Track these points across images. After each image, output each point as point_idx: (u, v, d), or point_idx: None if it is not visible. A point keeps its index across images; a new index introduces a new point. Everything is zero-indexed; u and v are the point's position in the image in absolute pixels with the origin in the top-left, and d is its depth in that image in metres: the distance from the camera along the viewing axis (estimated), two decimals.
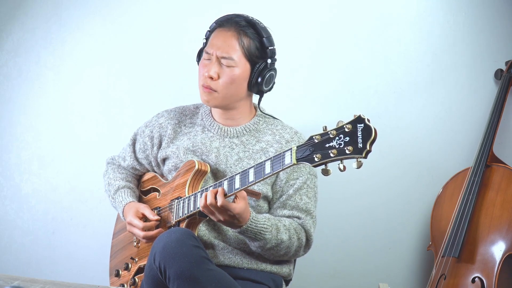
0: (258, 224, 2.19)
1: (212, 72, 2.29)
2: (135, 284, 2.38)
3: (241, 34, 2.29)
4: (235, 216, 2.12)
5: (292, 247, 2.28)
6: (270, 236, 2.21)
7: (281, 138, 2.37)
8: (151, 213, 2.35)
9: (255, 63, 2.31)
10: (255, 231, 2.19)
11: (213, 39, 2.32)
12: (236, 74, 2.30)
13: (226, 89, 2.30)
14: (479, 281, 2.65)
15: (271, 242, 2.23)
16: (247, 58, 2.30)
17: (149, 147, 2.49)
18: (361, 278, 3.05)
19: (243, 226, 2.17)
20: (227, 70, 2.29)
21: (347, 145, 1.82)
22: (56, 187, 3.11)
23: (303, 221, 2.32)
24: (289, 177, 2.33)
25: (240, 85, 2.32)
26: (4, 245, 3.13)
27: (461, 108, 3.03)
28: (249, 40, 2.30)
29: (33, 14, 3.09)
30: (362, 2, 3.04)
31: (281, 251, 2.27)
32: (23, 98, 3.12)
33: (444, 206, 2.87)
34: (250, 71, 2.31)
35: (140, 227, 2.33)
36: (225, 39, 2.29)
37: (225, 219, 2.13)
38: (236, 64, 2.29)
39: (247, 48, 2.29)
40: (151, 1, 3.08)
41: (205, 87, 2.31)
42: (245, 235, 2.21)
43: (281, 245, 2.25)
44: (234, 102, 2.35)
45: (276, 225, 2.24)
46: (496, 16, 3.01)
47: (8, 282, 2.04)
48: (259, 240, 2.21)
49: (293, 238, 2.27)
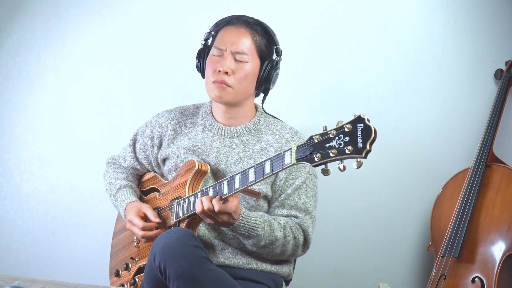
0: (249, 219, 2.19)
1: (227, 67, 2.29)
2: (135, 284, 2.37)
3: (252, 31, 2.32)
4: (231, 215, 2.13)
5: (288, 245, 2.27)
6: (263, 232, 2.21)
7: (281, 137, 2.37)
8: (153, 214, 2.35)
9: (264, 60, 2.34)
10: (247, 227, 2.19)
11: (224, 35, 2.33)
12: (249, 70, 2.31)
13: (239, 84, 2.31)
14: (479, 281, 2.65)
15: (265, 239, 2.22)
16: (258, 55, 2.33)
17: (149, 147, 2.49)
18: (361, 278, 3.04)
19: (235, 223, 2.17)
20: (242, 65, 2.30)
21: (347, 145, 1.81)
22: (56, 187, 3.11)
23: (301, 220, 2.31)
24: (288, 177, 2.33)
25: (251, 82, 2.34)
26: (4, 245, 3.12)
27: (461, 108, 3.03)
28: (260, 37, 2.33)
29: (33, 14, 3.09)
30: (363, 2, 3.04)
31: (277, 250, 2.27)
32: (23, 98, 3.11)
33: (444, 206, 2.87)
34: (259, 68, 2.33)
35: (140, 226, 2.32)
36: (239, 35, 2.31)
37: (223, 219, 2.13)
38: (249, 60, 2.31)
39: (259, 44, 2.32)
40: (151, 1, 3.08)
41: (218, 83, 2.30)
42: (237, 232, 2.20)
43: (276, 243, 2.24)
44: (243, 99, 2.36)
45: (270, 222, 2.24)
46: (496, 16, 3.01)
47: (8, 282, 2.03)
48: (252, 237, 2.21)
49: (289, 236, 2.27)
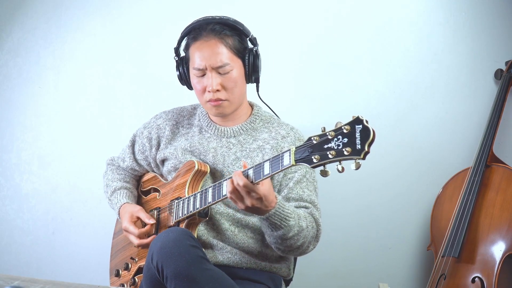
0: (285, 209, 2.12)
1: (215, 85, 2.28)
2: (135, 284, 2.38)
3: (223, 37, 2.29)
4: (262, 199, 2.05)
5: (308, 236, 2.21)
6: (294, 222, 2.14)
7: (277, 134, 2.37)
8: (146, 217, 2.35)
9: (244, 56, 2.33)
10: (282, 216, 2.11)
11: (198, 54, 2.30)
12: (236, 76, 2.31)
13: (233, 94, 2.31)
14: (479, 281, 2.65)
15: (294, 230, 2.15)
16: (237, 56, 2.31)
17: (147, 149, 2.50)
18: (361, 278, 3.04)
19: (271, 210, 2.09)
20: (227, 76, 2.29)
21: (345, 147, 1.80)
22: (56, 187, 3.12)
23: (312, 210, 2.28)
24: (287, 171, 2.31)
25: (242, 84, 2.34)
26: (4, 245, 3.13)
27: (461, 108, 3.03)
28: (231, 38, 2.30)
29: (33, 14, 3.10)
30: (363, 2, 3.04)
31: (299, 241, 2.19)
32: (23, 98, 3.12)
33: (444, 206, 2.87)
34: (243, 65, 2.33)
35: (136, 234, 2.33)
36: (211, 49, 2.28)
37: (253, 203, 2.05)
38: (232, 67, 2.29)
39: (233, 47, 2.30)
40: (151, 1, 3.08)
41: (213, 101, 2.30)
42: (270, 221, 2.12)
43: (301, 233, 2.18)
44: (241, 101, 2.37)
45: (297, 212, 2.18)
46: (496, 16, 3.01)
47: (8, 282, 2.03)
48: (283, 227, 2.13)
49: (309, 226, 2.22)
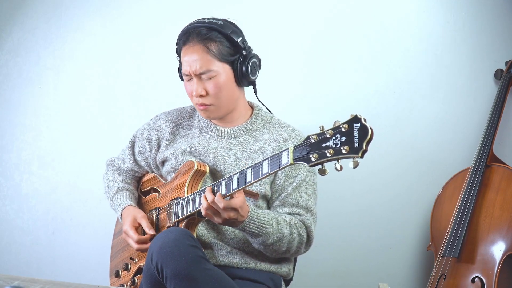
0: (258, 216, 2.18)
1: (199, 90, 2.28)
2: (134, 284, 2.37)
3: (206, 43, 2.26)
4: (238, 211, 2.10)
5: (294, 242, 2.27)
6: (272, 229, 2.19)
7: (278, 136, 2.37)
8: (148, 226, 2.34)
9: (233, 61, 2.30)
10: (256, 224, 2.17)
11: (185, 59, 2.31)
12: (221, 81, 2.28)
13: (218, 99, 2.30)
14: (479, 281, 2.64)
15: (273, 237, 2.21)
16: (223, 61, 2.28)
17: (147, 150, 2.50)
18: (361, 278, 3.04)
19: (245, 220, 2.15)
20: (211, 81, 2.28)
21: (343, 145, 1.81)
22: (56, 187, 3.12)
23: (304, 217, 2.31)
24: (288, 175, 2.33)
25: (230, 88, 2.31)
26: (4, 245, 3.13)
27: (461, 108, 3.03)
28: (217, 43, 2.27)
29: (33, 14, 3.10)
30: (363, 2, 3.04)
31: (283, 247, 2.26)
32: (23, 98, 3.12)
33: (444, 206, 2.87)
34: (232, 70, 2.30)
35: (135, 239, 2.33)
36: (194, 55, 2.27)
37: (230, 216, 2.11)
38: (216, 73, 2.27)
39: (218, 52, 2.27)
40: (151, 1, 3.08)
41: (199, 105, 2.32)
42: (246, 230, 2.18)
43: (283, 240, 2.23)
44: (232, 105, 2.36)
45: (277, 219, 2.23)
46: (496, 16, 3.01)
47: (8, 282, 2.03)
48: (261, 235, 2.19)
49: (294, 233, 2.26)
